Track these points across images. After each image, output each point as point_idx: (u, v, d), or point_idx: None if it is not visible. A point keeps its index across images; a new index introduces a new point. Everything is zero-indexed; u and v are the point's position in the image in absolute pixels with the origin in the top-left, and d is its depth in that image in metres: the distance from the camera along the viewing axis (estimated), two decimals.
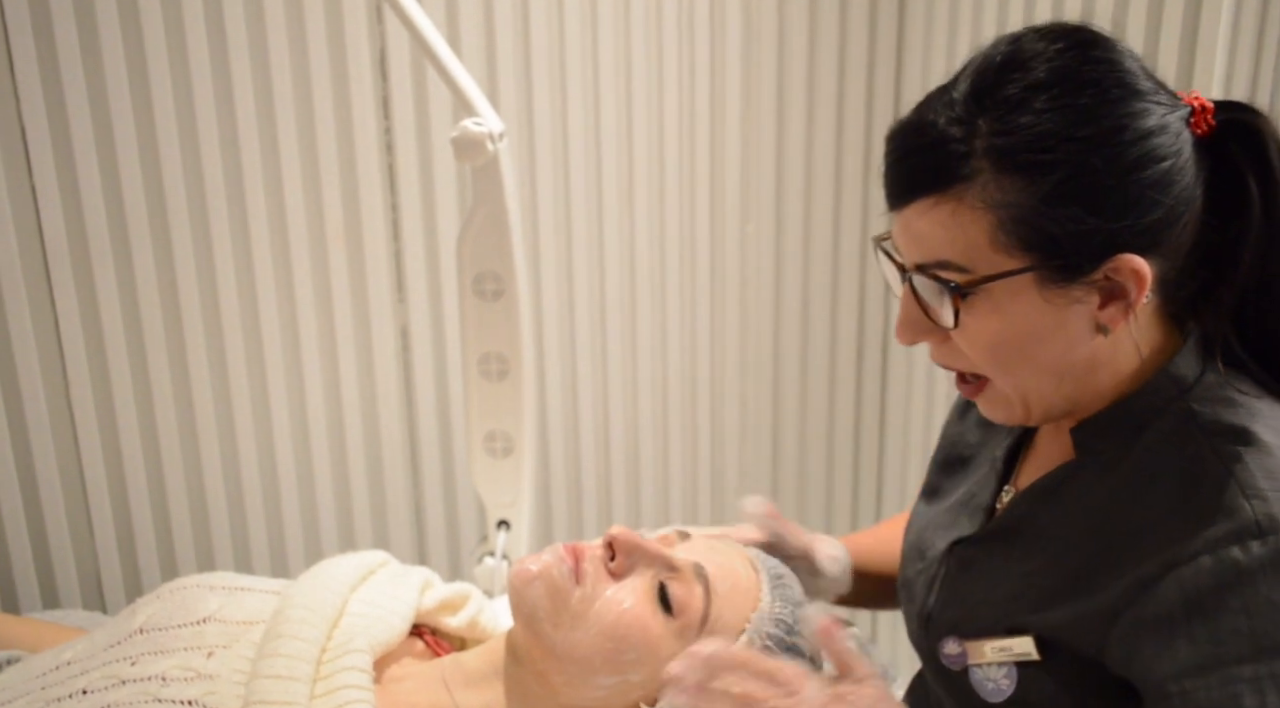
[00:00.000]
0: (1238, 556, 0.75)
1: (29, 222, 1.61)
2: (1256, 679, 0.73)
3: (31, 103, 1.56)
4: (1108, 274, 0.79)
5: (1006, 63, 0.80)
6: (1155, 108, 0.79)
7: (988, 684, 0.89)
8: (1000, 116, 0.78)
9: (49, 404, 1.67)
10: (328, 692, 0.87)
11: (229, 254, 1.70)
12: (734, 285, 2.01)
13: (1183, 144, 0.79)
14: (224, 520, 1.80)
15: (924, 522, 1.06)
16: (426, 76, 1.72)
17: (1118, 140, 0.77)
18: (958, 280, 0.81)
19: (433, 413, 1.88)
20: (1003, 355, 0.84)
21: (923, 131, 0.81)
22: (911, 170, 0.82)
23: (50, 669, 0.94)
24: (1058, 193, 0.77)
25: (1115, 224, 0.78)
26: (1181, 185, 0.79)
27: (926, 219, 0.81)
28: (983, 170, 0.78)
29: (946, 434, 1.11)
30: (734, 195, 1.96)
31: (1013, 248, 0.79)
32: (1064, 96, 0.77)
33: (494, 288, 1.42)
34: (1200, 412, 0.82)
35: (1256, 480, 0.77)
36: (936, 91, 0.83)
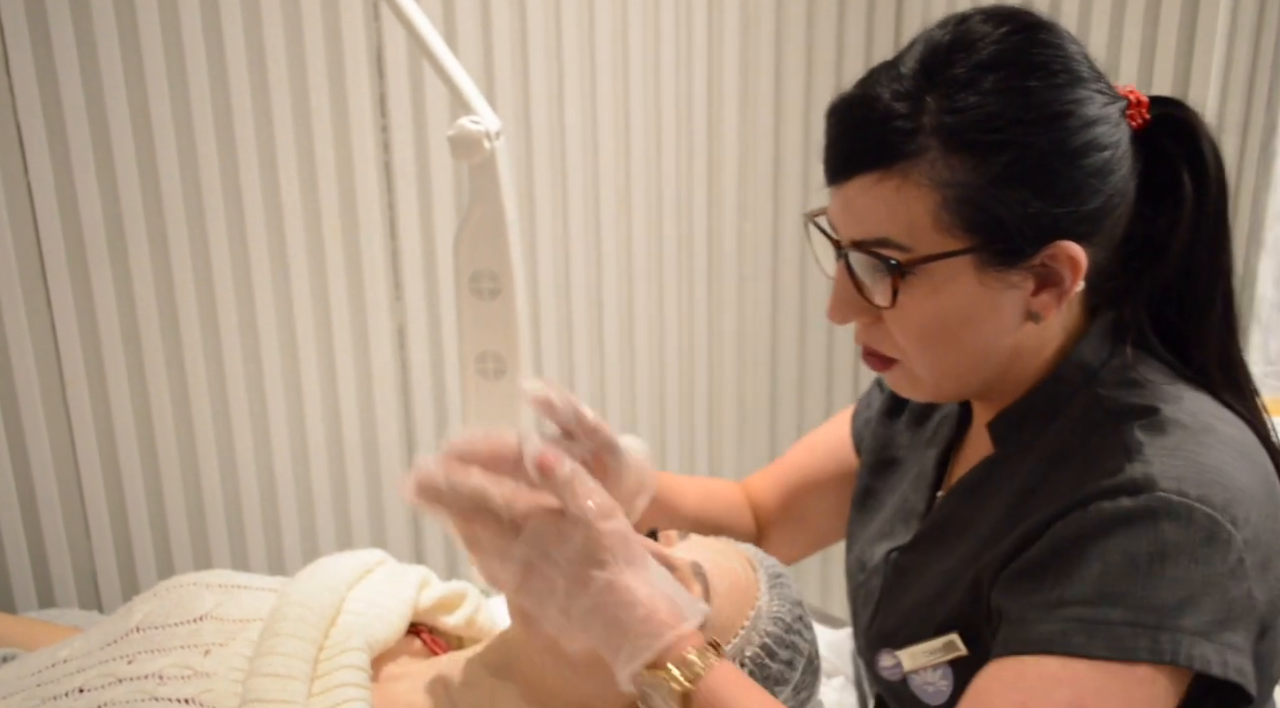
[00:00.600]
0: (1107, 507, 0.75)
1: (25, 214, 1.60)
2: (1091, 622, 0.73)
3: (27, 95, 1.56)
4: (1045, 260, 0.79)
5: (955, 42, 0.80)
6: (1097, 96, 0.79)
7: (928, 689, 0.90)
8: (948, 94, 0.77)
9: (45, 402, 1.67)
10: (325, 690, 0.87)
11: (225, 252, 1.70)
12: (731, 284, 2.01)
13: (1121, 135, 0.80)
14: (221, 519, 1.80)
15: (864, 534, 1.06)
16: (423, 74, 1.72)
17: (1064, 125, 0.77)
18: (898, 258, 0.80)
19: (430, 412, 1.87)
20: (931, 337, 0.83)
21: (868, 106, 0.80)
22: (856, 145, 0.81)
23: (46, 667, 0.94)
24: (1006, 174, 0.77)
25: (1059, 209, 0.78)
26: (1119, 175, 0.80)
27: (869, 195, 0.80)
28: (930, 148, 0.77)
29: (876, 435, 1.10)
30: (731, 194, 1.96)
31: (955, 228, 0.78)
32: (1012, 78, 0.77)
33: (491, 286, 1.42)
34: (1105, 396, 0.83)
35: (1145, 449, 0.77)
36: (881, 67, 0.82)
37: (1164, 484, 0.75)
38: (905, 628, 0.92)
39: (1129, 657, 0.72)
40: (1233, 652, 0.73)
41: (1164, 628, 0.72)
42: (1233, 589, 0.74)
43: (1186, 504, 0.74)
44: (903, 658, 0.91)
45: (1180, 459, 0.76)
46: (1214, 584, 0.73)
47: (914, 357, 0.86)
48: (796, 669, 0.93)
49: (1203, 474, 0.75)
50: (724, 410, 2.08)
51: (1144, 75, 1.58)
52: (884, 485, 1.07)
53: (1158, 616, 0.72)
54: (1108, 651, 0.72)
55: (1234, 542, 0.74)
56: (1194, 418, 0.80)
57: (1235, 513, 0.75)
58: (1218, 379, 0.85)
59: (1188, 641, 0.72)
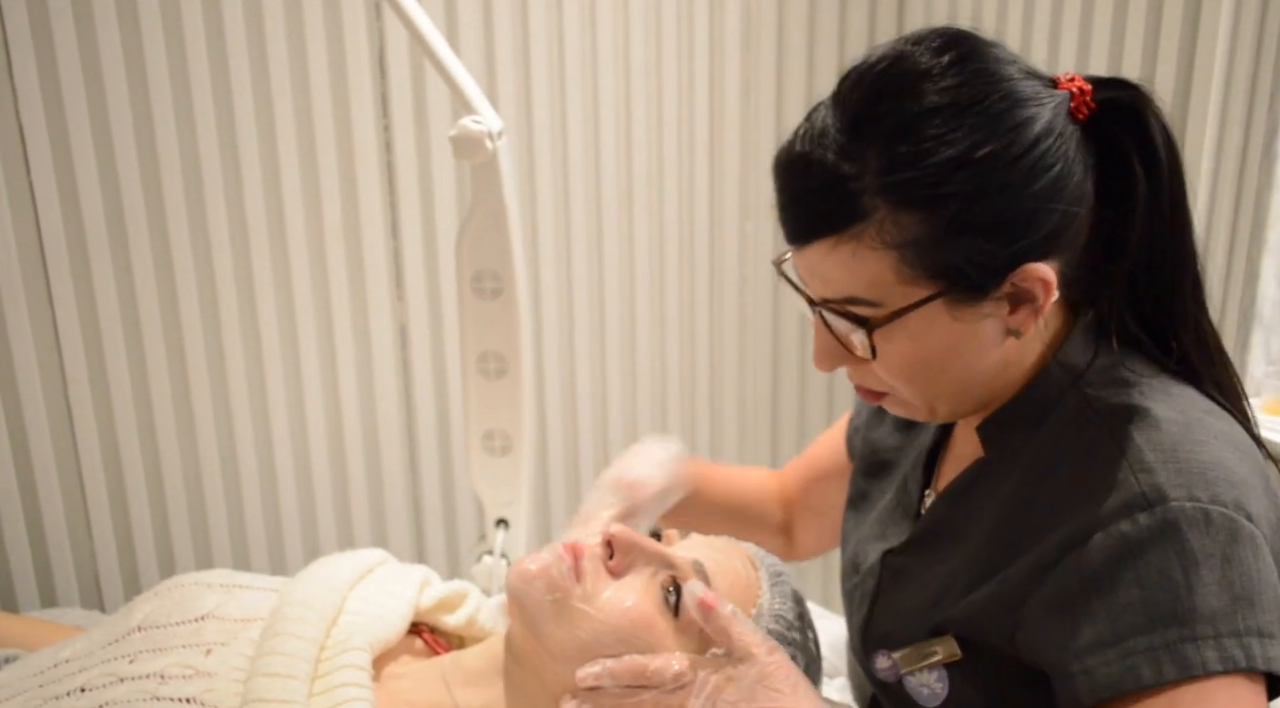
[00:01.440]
0: (1126, 529, 0.75)
1: (27, 214, 1.60)
2: (1152, 650, 0.73)
3: (29, 96, 1.56)
4: (1014, 284, 0.79)
5: (887, 84, 0.78)
6: (1039, 111, 0.77)
7: (923, 691, 0.90)
8: (888, 148, 0.76)
9: (47, 402, 1.67)
10: (326, 690, 0.87)
11: (227, 252, 1.70)
12: (732, 283, 2.01)
13: (1068, 142, 0.78)
14: (222, 518, 1.80)
15: (857, 535, 1.06)
16: (425, 74, 1.72)
17: (1007, 157, 0.75)
18: (869, 315, 0.80)
19: (431, 411, 1.88)
20: (918, 374, 0.84)
21: (811, 170, 0.79)
22: (807, 213, 0.80)
23: (48, 668, 0.94)
24: (955, 222, 0.76)
25: (1015, 245, 0.77)
26: (1072, 185, 0.78)
27: (829, 261, 0.80)
28: (878, 208, 0.76)
29: (866, 438, 1.10)
30: (732, 193, 1.96)
31: (919, 278, 0.78)
32: (950, 120, 0.75)
33: (493, 286, 1.42)
34: (1095, 396, 0.83)
35: (1144, 455, 0.77)
36: (820, 115, 0.80)
37: (1174, 493, 0.74)
38: (900, 630, 0.92)
39: (1203, 672, 0.72)
40: None
41: (1224, 634, 0.72)
42: (1274, 582, 0.74)
43: (1202, 509, 0.74)
44: (898, 659, 0.91)
45: (1181, 463, 0.76)
46: (1256, 580, 0.73)
47: (904, 391, 0.86)
48: (798, 667, 0.93)
49: (1207, 473, 0.75)
50: (725, 409, 2.07)
51: (1147, 75, 1.58)
52: (875, 488, 1.07)
53: (1214, 624, 0.72)
54: (1180, 672, 0.72)
55: (1257, 536, 0.74)
56: (1184, 414, 0.80)
57: (1249, 508, 0.75)
58: (1198, 364, 0.85)
59: (1256, 643, 0.72)
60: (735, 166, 1.94)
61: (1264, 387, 1.68)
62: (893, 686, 0.93)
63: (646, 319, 1.96)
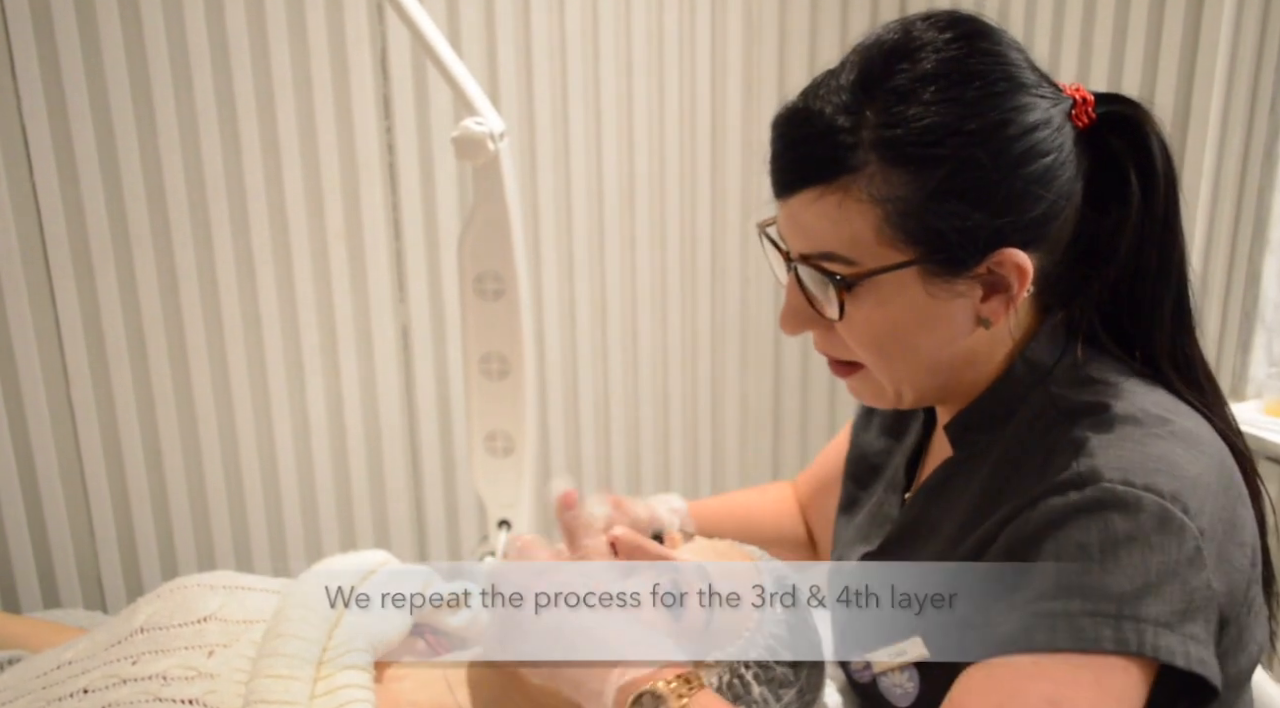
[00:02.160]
0: (1056, 502, 0.75)
1: (30, 220, 1.61)
2: (1051, 615, 0.73)
3: (32, 100, 1.56)
4: (990, 268, 0.79)
5: (894, 51, 0.79)
6: (1039, 102, 0.78)
7: (895, 690, 0.90)
8: (887, 107, 0.77)
9: (50, 403, 1.67)
10: (329, 691, 0.87)
11: (230, 253, 1.70)
12: (734, 284, 2.01)
13: (1064, 138, 0.79)
14: (224, 520, 1.80)
15: (844, 538, 1.07)
16: (427, 76, 1.72)
17: (1003, 135, 0.76)
18: (843, 273, 0.80)
19: (433, 412, 1.88)
20: (885, 346, 0.84)
21: (810, 120, 0.80)
22: (798, 160, 0.81)
23: (51, 669, 0.94)
24: (943, 188, 0.76)
25: (999, 220, 0.77)
26: (1063, 180, 0.79)
27: (812, 210, 0.80)
28: (869, 162, 0.77)
29: (855, 443, 1.11)
30: (734, 193, 1.96)
31: (898, 241, 0.78)
32: (951, 89, 0.77)
33: (495, 287, 1.42)
34: (1059, 395, 0.83)
35: (1090, 443, 0.77)
36: (824, 76, 0.82)
37: (1109, 475, 0.74)
38: (874, 631, 0.92)
39: (1095, 647, 0.72)
40: (1194, 643, 0.73)
41: (1125, 617, 0.72)
42: (1192, 579, 0.73)
43: (1134, 493, 0.73)
44: (871, 660, 0.91)
45: (1125, 451, 0.76)
46: (1172, 573, 0.73)
47: (869, 364, 0.86)
48: (802, 671, 0.93)
49: (1148, 463, 0.75)
50: (727, 409, 2.07)
51: (1148, 76, 1.58)
52: (864, 492, 1.08)
53: (1117, 604, 0.72)
54: (1073, 642, 0.72)
55: (1188, 530, 0.73)
56: (1145, 413, 0.80)
57: (1186, 502, 0.74)
58: (1171, 375, 0.85)
59: (1151, 631, 0.72)
60: (737, 167, 1.94)
61: (1266, 388, 1.68)
62: (868, 686, 0.93)
63: (648, 319, 1.96)
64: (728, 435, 2.09)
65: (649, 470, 2.03)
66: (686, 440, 2.05)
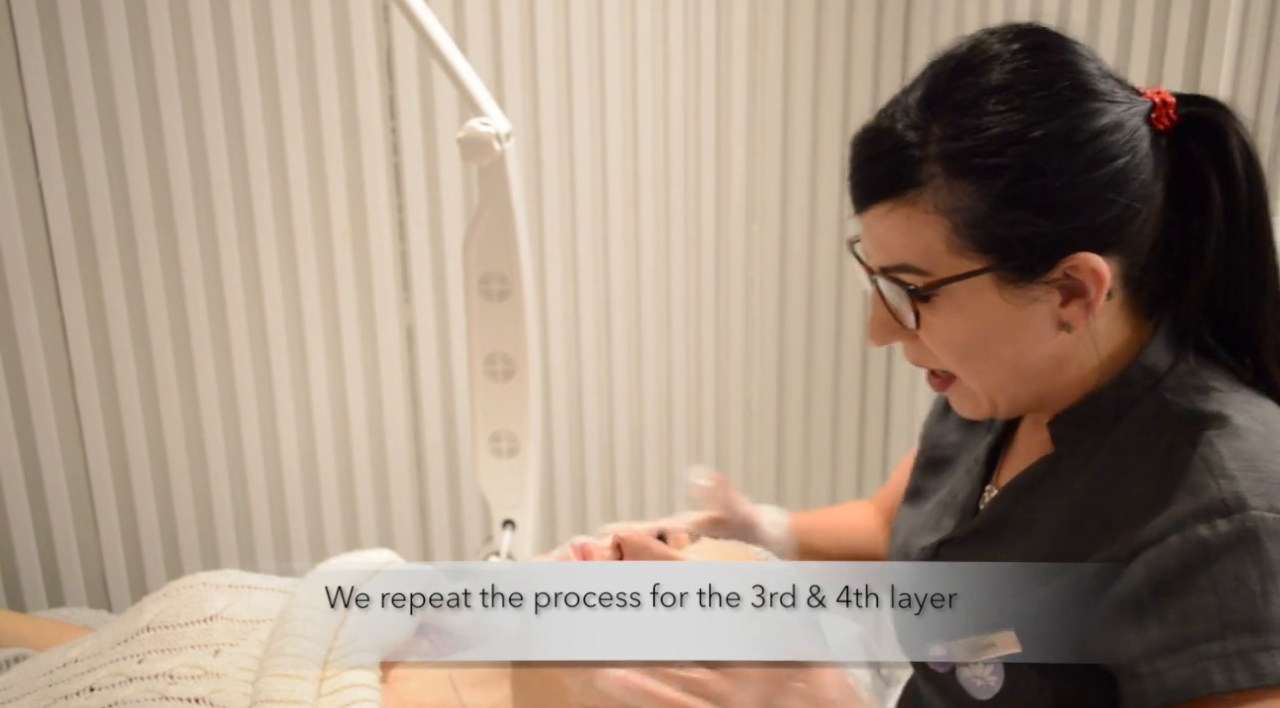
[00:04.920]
0: (1204, 534, 0.75)
1: (36, 223, 1.61)
2: (1225, 656, 0.73)
3: (39, 103, 1.57)
4: (1066, 272, 0.80)
5: (959, 66, 0.81)
6: (1110, 106, 0.79)
7: (976, 683, 0.89)
8: (952, 121, 0.79)
9: (54, 402, 1.68)
10: (335, 690, 0.87)
11: (235, 253, 1.71)
12: (739, 286, 2.01)
13: (1139, 141, 0.79)
14: (229, 519, 1.81)
15: (909, 525, 1.07)
16: (433, 76, 1.72)
17: (1068, 141, 0.77)
18: (916, 284, 0.82)
19: (438, 413, 1.88)
20: (967, 354, 0.85)
21: (880, 138, 0.83)
22: (870, 177, 0.83)
23: (57, 667, 0.95)
24: (1008, 196, 0.78)
25: (1068, 225, 0.78)
26: (1138, 183, 0.79)
27: (884, 224, 0.82)
28: (935, 175, 0.79)
29: (927, 436, 1.12)
30: (739, 196, 1.96)
31: (969, 250, 0.80)
32: (1014, 98, 0.78)
33: (500, 288, 1.42)
34: (1173, 401, 0.83)
35: (1225, 461, 0.77)
36: (898, 95, 0.84)
37: (1255, 502, 0.75)
38: (960, 620, 0.92)
39: (1274, 681, 0.72)
40: None
41: None
42: None
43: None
44: (953, 651, 0.91)
45: (1262, 472, 0.76)
46: None
47: (959, 373, 0.87)
48: None
49: None
50: (730, 412, 2.08)
51: (1153, 76, 1.58)
52: (932, 483, 1.08)
53: None
54: (1252, 679, 0.72)
55: None
56: (1265, 425, 0.80)
57: None
58: (1278, 380, 0.85)
59: None
60: (741, 169, 1.94)
61: None
62: (944, 677, 0.93)
63: (653, 320, 1.96)
64: (731, 438, 2.09)
65: (652, 472, 2.04)
66: (690, 441, 2.06)
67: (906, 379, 2.05)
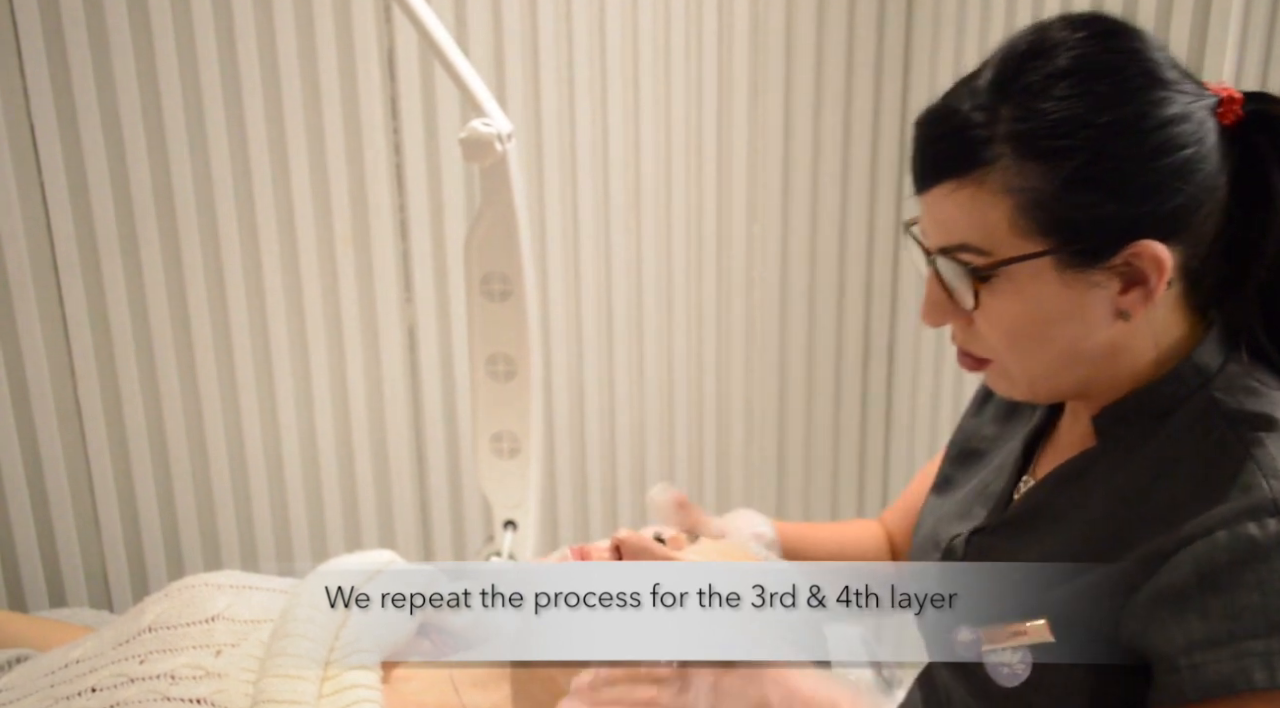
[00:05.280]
0: (1254, 532, 0.75)
1: (38, 222, 1.61)
2: (1268, 654, 0.73)
3: (41, 103, 1.57)
4: (1128, 260, 0.80)
5: (1030, 50, 0.81)
6: (1178, 96, 0.79)
7: (1002, 669, 0.89)
8: (1022, 103, 0.79)
9: (56, 402, 1.68)
10: (336, 691, 0.88)
11: (237, 253, 1.71)
12: (740, 286, 2.01)
13: (1205, 133, 0.80)
14: (231, 519, 1.81)
15: (937, 514, 1.07)
16: (435, 76, 1.72)
17: (1137, 127, 0.78)
18: (977, 263, 0.82)
19: (439, 413, 1.88)
20: (1022, 338, 0.85)
21: (947, 118, 0.83)
22: (935, 156, 0.84)
23: (59, 668, 0.95)
24: (1077, 178, 0.78)
25: (1134, 210, 0.79)
26: (1203, 174, 0.80)
27: (948, 203, 0.83)
28: (1003, 155, 0.79)
29: (962, 428, 1.12)
30: (741, 196, 1.96)
31: (1032, 232, 0.80)
32: (1084, 83, 0.78)
33: (501, 289, 1.42)
34: (1223, 400, 0.83)
35: (1276, 462, 0.78)
36: (964, 79, 0.85)
37: None
38: (985, 607, 0.92)
39: None
40: None
41: None
42: None
43: None
44: (983, 636, 0.91)
45: None
46: None
47: (1006, 357, 0.87)
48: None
49: None
50: (732, 413, 2.08)
51: None
52: (963, 474, 1.08)
53: None
54: None
55: None
56: None
57: None
58: None
59: None
60: (743, 169, 1.94)
61: None
62: (970, 662, 0.93)
63: (654, 321, 1.96)
64: (733, 439, 2.09)
65: (653, 472, 2.04)
66: (691, 442, 2.06)
67: (908, 379, 2.05)
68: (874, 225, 2.00)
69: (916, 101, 1.91)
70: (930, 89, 1.86)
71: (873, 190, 1.98)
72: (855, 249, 2.01)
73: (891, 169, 1.98)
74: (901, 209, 2.00)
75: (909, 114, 1.94)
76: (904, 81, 1.94)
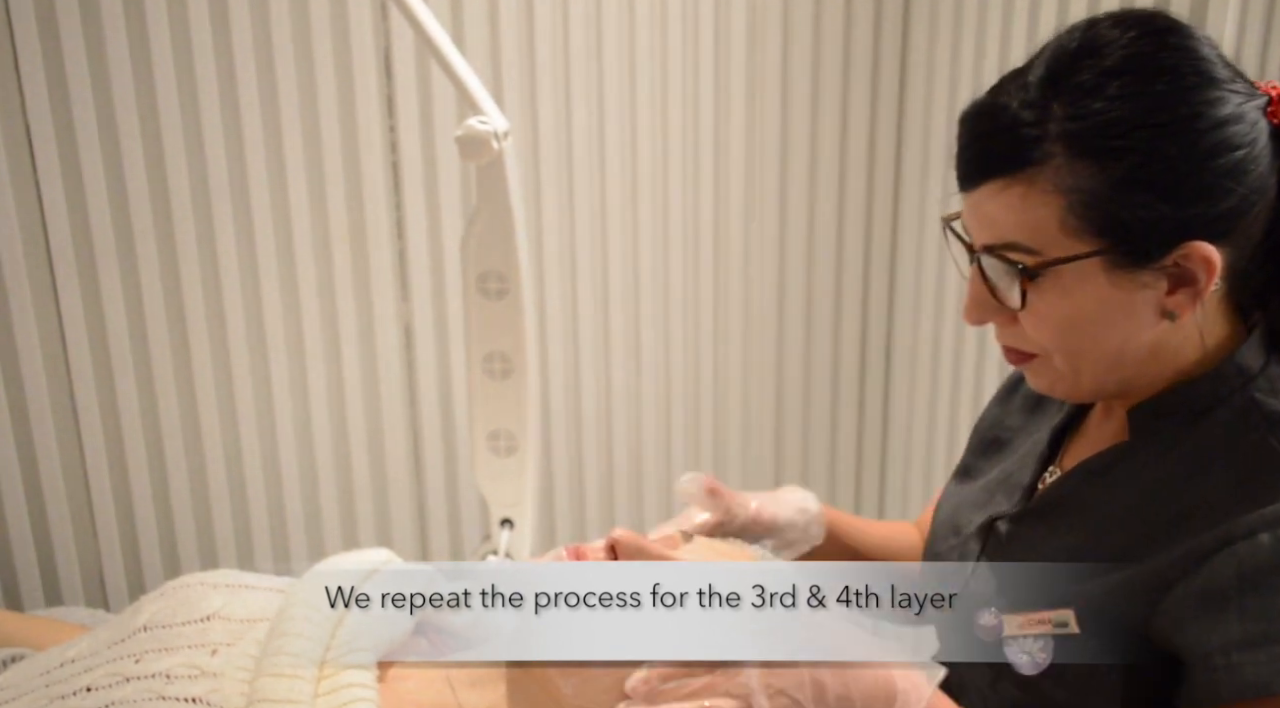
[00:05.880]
0: None
1: (33, 221, 1.61)
2: None
3: (36, 102, 1.56)
4: (1178, 261, 0.80)
5: (1081, 49, 0.81)
6: (1231, 96, 0.79)
7: (1022, 657, 0.89)
8: (1074, 101, 0.79)
9: (52, 401, 1.67)
10: (332, 690, 0.87)
11: (233, 252, 1.70)
12: (737, 284, 2.01)
13: (1258, 133, 0.80)
14: (227, 518, 1.80)
15: (957, 500, 1.07)
16: (431, 74, 1.72)
17: (1192, 128, 0.77)
18: (1026, 262, 0.82)
19: (436, 412, 1.88)
20: (1068, 337, 0.85)
21: (996, 115, 0.82)
22: (984, 153, 0.83)
23: (54, 667, 0.94)
24: (1130, 179, 0.78)
25: (1186, 211, 0.78)
26: (1255, 174, 0.79)
27: (997, 201, 0.82)
28: (1055, 154, 0.79)
29: (986, 416, 1.11)
30: (737, 194, 1.96)
31: (1082, 232, 0.80)
32: (1138, 83, 0.78)
33: (498, 287, 1.42)
34: (1265, 401, 0.83)
35: None
36: (1011, 75, 0.84)
37: None
38: (1010, 595, 0.92)
39: None
40: None
41: None
42: None
43: None
44: (1006, 622, 0.91)
45: None
46: None
47: (1053, 354, 0.87)
48: None
49: None
50: (729, 411, 2.08)
51: None
52: (986, 462, 1.07)
53: None
54: None
55: None
56: None
57: None
58: None
59: None
60: (740, 166, 1.94)
61: None
62: (990, 647, 0.93)
63: (651, 319, 1.96)
64: (730, 436, 2.09)
65: (650, 470, 2.04)
66: (689, 440, 2.06)
67: (906, 379, 2.05)
68: (871, 225, 2.00)
69: (913, 102, 1.91)
70: (927, 89, 1.87)
71: (869, 188, 1.98)
72: (852, 247, 2.01)
73: (889, 169, 1.98)
74: (899, 209, 2.00)
75: (906, 114, 1.94)
76: (900, 80, 1.94)
